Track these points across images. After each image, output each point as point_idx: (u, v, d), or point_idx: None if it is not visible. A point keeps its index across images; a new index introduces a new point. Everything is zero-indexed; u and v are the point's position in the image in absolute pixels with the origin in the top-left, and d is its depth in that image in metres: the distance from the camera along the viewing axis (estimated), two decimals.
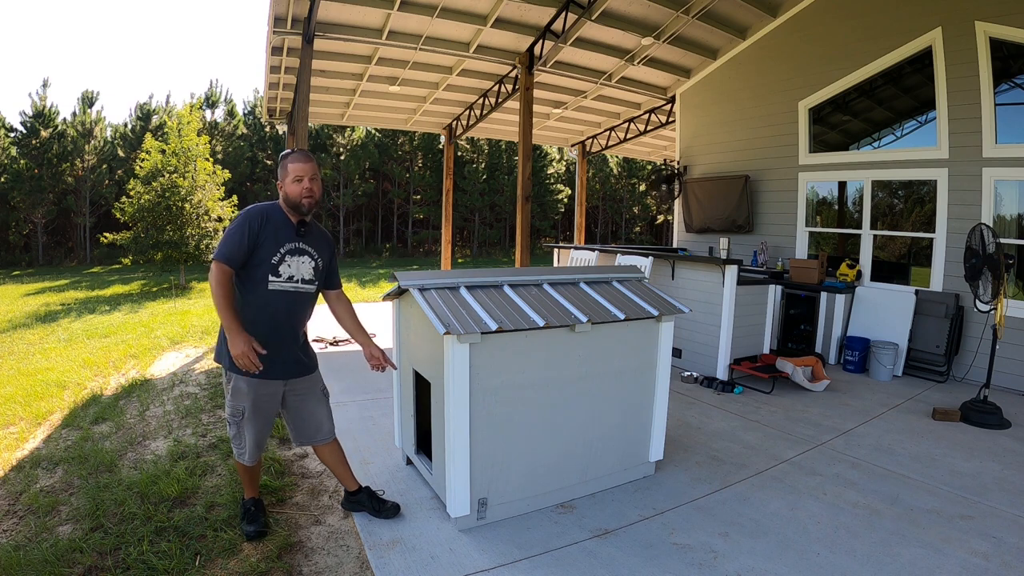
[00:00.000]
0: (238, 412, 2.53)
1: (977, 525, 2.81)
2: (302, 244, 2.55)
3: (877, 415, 4.52)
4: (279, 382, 2.57)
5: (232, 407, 2.53)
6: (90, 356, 6.65)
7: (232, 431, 2.59)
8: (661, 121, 10.92)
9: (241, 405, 2.51)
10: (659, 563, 2.47)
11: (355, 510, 2.85)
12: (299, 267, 2.54)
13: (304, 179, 2.49)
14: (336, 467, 2.85)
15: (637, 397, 3.19)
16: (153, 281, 16.84)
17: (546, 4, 6.90)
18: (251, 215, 2.44)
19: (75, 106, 28.35)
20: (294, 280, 2.54)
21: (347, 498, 2.88)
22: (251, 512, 2.72)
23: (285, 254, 2.49)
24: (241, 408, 2.52)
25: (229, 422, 2.58)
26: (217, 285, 2.32)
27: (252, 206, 2.51)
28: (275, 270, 2.47)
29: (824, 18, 6.87)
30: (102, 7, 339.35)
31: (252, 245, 2.40)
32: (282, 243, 2.49)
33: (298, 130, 6.62)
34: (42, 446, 3.94)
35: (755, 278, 5.89)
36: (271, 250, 2.46)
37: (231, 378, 2.51)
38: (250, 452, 2.60)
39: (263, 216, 2.46)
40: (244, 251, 2.39)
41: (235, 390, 2.50)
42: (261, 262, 2.45)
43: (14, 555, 2.51)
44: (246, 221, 2.41)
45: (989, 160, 5.45)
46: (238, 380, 2.49)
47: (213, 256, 2.37)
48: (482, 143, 30.18)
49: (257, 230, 2.42)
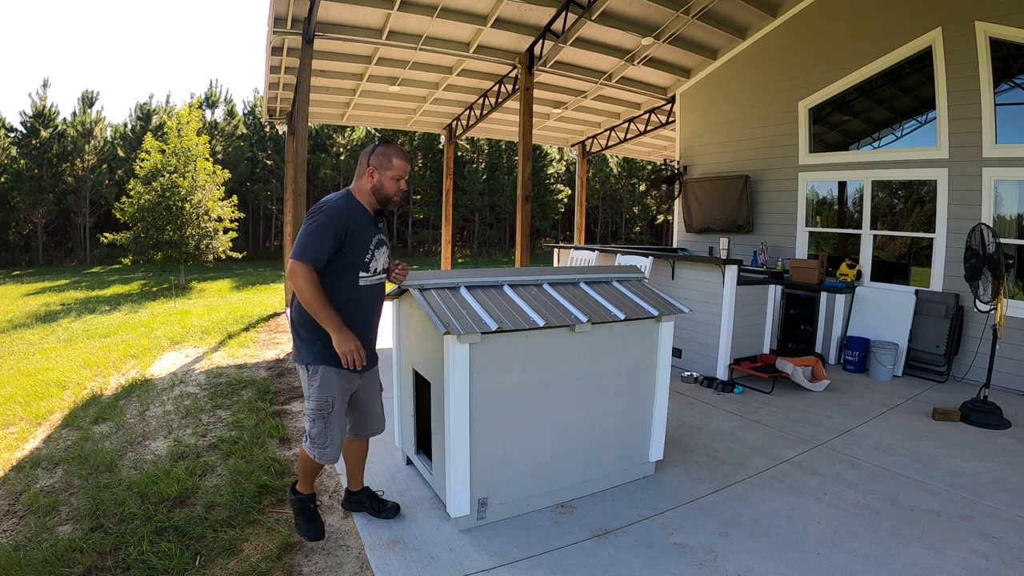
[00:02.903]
0: (328, 404, 2.43)
1: (977, 525, 2.81)
2: (382, 235, 2.54)
3: (877, 415, 4.52)
4: (358, 375, 2.54)
5: (320, 400, 2.43)
6: (90, 356, 6.65)
7: (318, 427, 2.44)
8: (661, 121, 10.92)
9: (331, 396, 2.43)
10: (659, 563, 2.47)
11: (355, 510, 2.85)
12: (382, 258, 2.53)
13: (402, 179, 2.47)
14: (356, 463, 2.83)
15: (637, 397, 3.19)
16: (153, 281, 16.84)
17: (546, 4, 6.90)
18: (337, 216, 2.33)
19: (75, 106, 28.40)
20: (378, 272, 2.53)
21: (347, 498, 2.88)
22: (310, 510, 2.66)
23: (373, 249, 2.46)
24: (331, 399, 2.43)
25: (314, 418, 2.44)
26: (310, 286, 2.25)
27: (332, 204, 2.37)
28: (366, 267, 2.45)
29: (824, 18, 6.87)
30: (102, 7, 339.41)
31: (338, 246, 2.34)
32: (369, 239, 2.44)
33: (298, 130, 6.62)
34: (42, 446, 3.94)
35: (755, 278, 5.89)
36: (362, 249, 2.41)
37: (316, 371, 2.42)
38: (336, 447, 2.50)
39: (349, 215, 2.37)
40: (330, 253, 2.32)
41: (324, 381, 2.42)
42: (353, 263, 2.40)
43: (14, 555, 2.51)
44: (332, 222, 2.31)
45: (989, 160, 5.45)
46: (326, 371, 2.41)
47: (294, 257, 2.26)
48: (482, 143, 30.18)
49: (344, 233, 2.33)
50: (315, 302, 2.27)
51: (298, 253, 2.26)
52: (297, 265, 2.25)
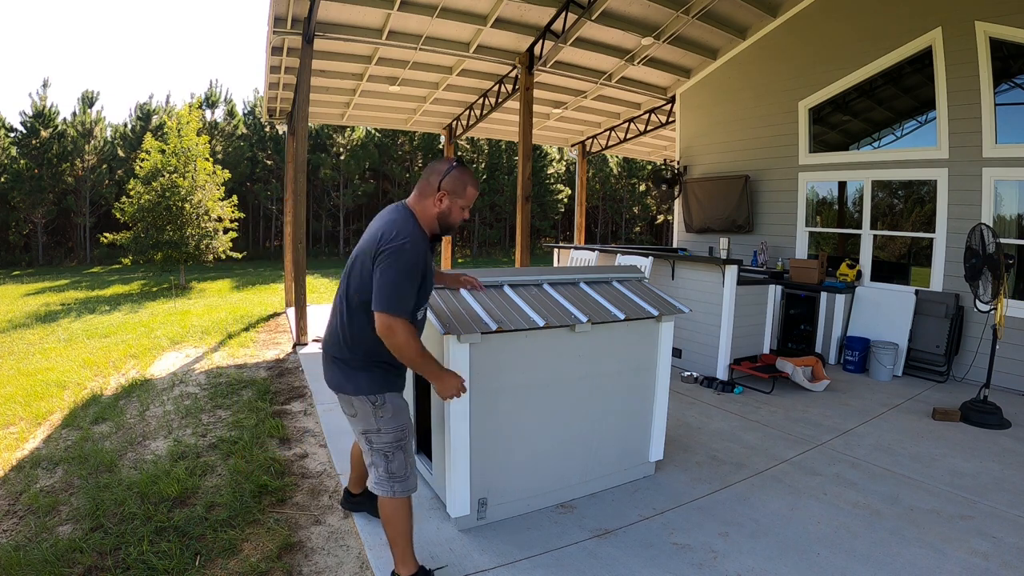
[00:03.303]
0: (405, 432, 2.22)
1: (977, 525, 2.81)
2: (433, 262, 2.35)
3: (877, 415, 4.52)
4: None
5: (398, 430, 2.20)
6: (90, 356, 6.65)
7: (398, 459, 2.18)
8: (661, 121, 10.92)
9: (406, 422, 2.24)
10: (659, 563, 2.47)
11: (355, 510, 2.85)
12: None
13: (469, 208, 2.26)
14: (361, 467, 2.76)
15: (637, 397, 3.19)
16: (153, 281, 16.84)
17: (546, 4, 6.90)
18: (419, 253, 2.06)
19: (75, 106, 28.38)
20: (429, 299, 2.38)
21: (347, 498, 2.87)
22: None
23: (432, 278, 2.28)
24: (406, 426, 2.24)
25: (392, 450, 2.18)
26: (413, 341, 2.02)
27: (412, 238, 2.05)
28: (427, 299, 2.28)
29: (824, 18, 6.87)
30: (102, 7, 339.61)
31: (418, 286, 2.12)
32: (432, 269, 2.26)
33: (298, 130, 6.62)
34: (42, 446, 3.94)
35: (755, 278, 5.89)
36: (431, 282, 2.24)
37: (384, 400, 2.18)
38: (415, 473, 2.29)
39: (425, 248, 2.12)
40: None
41: (397, 409, 2.21)
42: (422, 300, 2.18)
43: (14, 555, 2.51)
44: (420, 263, 2.06)
45: (989, 160, 5.45)
46: (394, 398, 2.22)
47: (388, 311, 1.97)
48: (482, 143, 30.18)
49: (424, 270, 2.10)
50: (419, 356, 2.06)
51: (393, 307, 1.98)
52: (395, 322, 1.98)
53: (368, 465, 2.24)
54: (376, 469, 2.19)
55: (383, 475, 2.18)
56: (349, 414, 2.24)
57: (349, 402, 2.20)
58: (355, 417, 2.21)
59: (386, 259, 2.00)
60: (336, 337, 2.20)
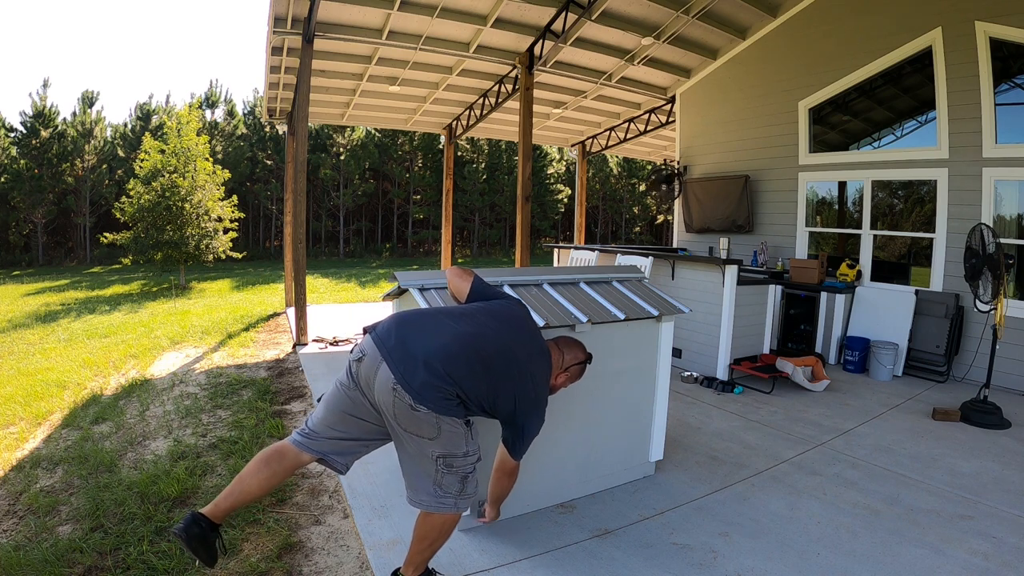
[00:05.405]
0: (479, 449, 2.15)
1: (977, 525, 2.81)
2: None
3: (877, 415, 4.52)
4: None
5: (478, 449, 2.12)
6: (90, 356, 6.65)
7: (472, 479, 2.10)
8: (661, 121, 10.92)
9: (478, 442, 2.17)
10: (659, 563, 2.47)
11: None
12: None
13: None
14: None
15: (637, 397, 3.19)
16: (153, 281, 16.84)
17: (546, 4, 6.90)
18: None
19: (75, 106, 28.40)
20: None
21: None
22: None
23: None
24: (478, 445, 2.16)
25: (470, 472, 2.08)
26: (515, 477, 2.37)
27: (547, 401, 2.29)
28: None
29: (824, 18, 6.87)
30: (102, 7, 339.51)
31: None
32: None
33: (298, 130, 6.62)
34: (42, 446, 3.94)
35: (755, 278, 5.89)
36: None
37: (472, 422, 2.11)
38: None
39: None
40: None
41: (475, 431, 2.12)
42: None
43: (14, 555, 2.51)
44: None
45: (989, 160, 5.45)
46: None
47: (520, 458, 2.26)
48: (482, 143, 30.18)
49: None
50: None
51: (522, 456, 2.26)
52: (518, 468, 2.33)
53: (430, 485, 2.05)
54: (443, 489, 2.04)
55: (454, 494, 2.05)
56: (425, 436, 1.98)
57: (434, 423, 1.95)
58: (434, 440, 1.98)
59: (536, 410, 2.20)
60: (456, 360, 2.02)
